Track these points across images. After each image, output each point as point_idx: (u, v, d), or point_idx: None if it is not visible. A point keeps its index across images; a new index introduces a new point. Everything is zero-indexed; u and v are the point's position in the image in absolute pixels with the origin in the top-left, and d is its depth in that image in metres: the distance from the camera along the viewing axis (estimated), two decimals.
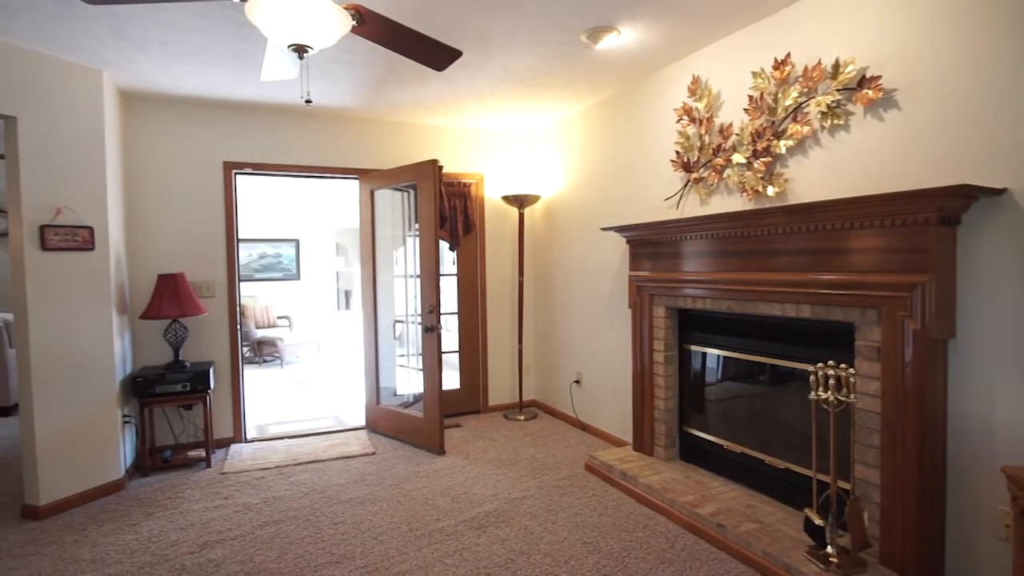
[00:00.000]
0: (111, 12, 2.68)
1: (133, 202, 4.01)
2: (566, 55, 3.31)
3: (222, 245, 4.27)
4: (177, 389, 3.71)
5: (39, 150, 3.12)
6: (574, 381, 4.65)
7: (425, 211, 4.04)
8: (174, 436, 4.13)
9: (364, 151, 4.64)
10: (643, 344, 3.62)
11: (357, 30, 2.13)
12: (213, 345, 4.26)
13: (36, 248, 3.11)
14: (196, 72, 3.47)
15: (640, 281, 3.59)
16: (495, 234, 5.12)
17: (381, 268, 4.61)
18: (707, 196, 3.25)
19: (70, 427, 3.25)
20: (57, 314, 3.19)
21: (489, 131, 5.04)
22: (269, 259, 8.92)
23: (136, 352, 4.02)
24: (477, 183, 5.02)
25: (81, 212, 3.30)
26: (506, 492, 3.37)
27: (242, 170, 4.32)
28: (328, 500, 3.29)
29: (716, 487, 3.11)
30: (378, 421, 4.57)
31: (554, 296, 4.97)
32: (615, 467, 3.45)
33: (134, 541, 2.84)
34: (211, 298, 4.23)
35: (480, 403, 5.12)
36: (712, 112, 3.18)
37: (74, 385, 3.27)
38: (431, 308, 4.00)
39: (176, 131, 4.12)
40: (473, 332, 5.08)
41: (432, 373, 4.03)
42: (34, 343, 3.09)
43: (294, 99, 4.06)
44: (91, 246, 3.33)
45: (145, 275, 4.04)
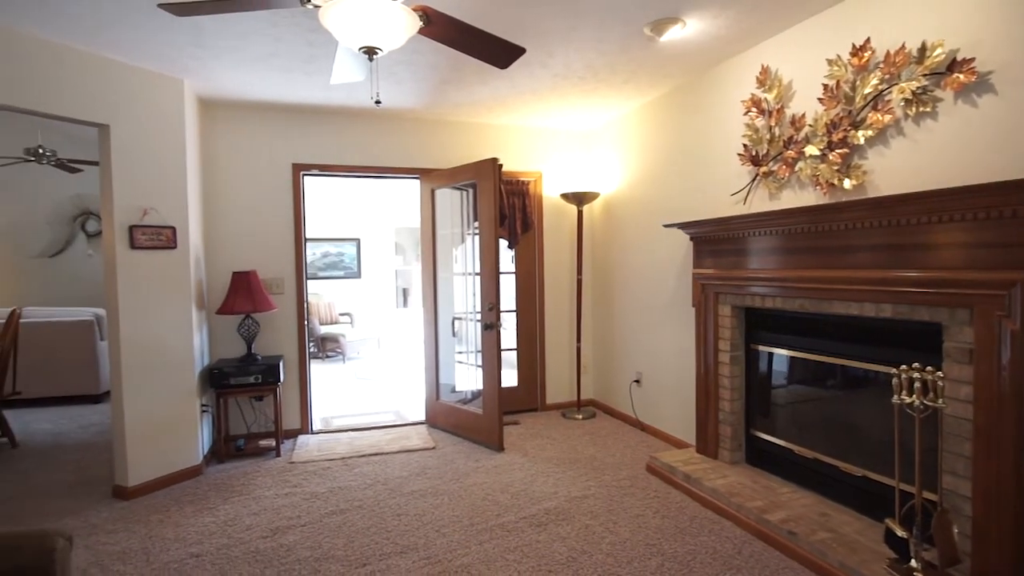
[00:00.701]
0: (192, 23, 2.83)
1: (210, 203, 4.23)
2: (628, 49, 3.26)
3: (290, 244, 4.45)
4: (250, 381, 3.89)
5: (128, 156, 3.34)
6: (634, 381, 4.57)
7: (485, 209, 4.07)
8: (246, 426, 4.34)
9: (425, 151, 4.73)
10: (707, 344, 3.52)
11: (424, 31, 2.17)
12: (282, 340, 4.44)
13: (126, 247, 3.33)
14: (268, 77, 3.63)
15: (705, 279, 3.50)
16: (553, 232, 5.10)
17: (441, 266, 4.68)
18: (777, 190, 3.12)
19: (155, 415, 3.46)
20: (144, 309, 3.41)
21: (547, 129, 5.03)
22: (332, 258, 9.22)
23: (212, 345, 4.25)
24: (535, 181, 5.01)
25: (165, 213, 3.51)
26: (566, 490, 3.35)
27: (309, 171, 4.49)
28: (391, 492, 3.36)
29: (786, 493, 2.99)
30: (438, 417, 4.64)
31: (613, 294, 4.91)
32: (678, 469, 3.37)
33: (212, 523, 3.00)
34: (280, 295, 4.41)
35: (538, 401, 5.11)
36: (782, 103, 3.05)
37: (158, 376, 3.48)
38: (491, 306, 4.03)
39: (248, 135, 4.32)
40: (531, 330, 5.08)
41: (492, 370, 4.06)
42: (124, 336, 3.31)
43: (359, 102, 4.18)
44: (173, 245, 3.54)
45: (220, 273, 4.25)
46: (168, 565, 2.61)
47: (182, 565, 2.61)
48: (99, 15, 2.72)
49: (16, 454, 4.17)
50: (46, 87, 2.99)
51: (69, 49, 3.07)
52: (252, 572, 2.54)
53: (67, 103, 3.08)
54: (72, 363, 5.59)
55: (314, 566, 2.57)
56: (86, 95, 3.16)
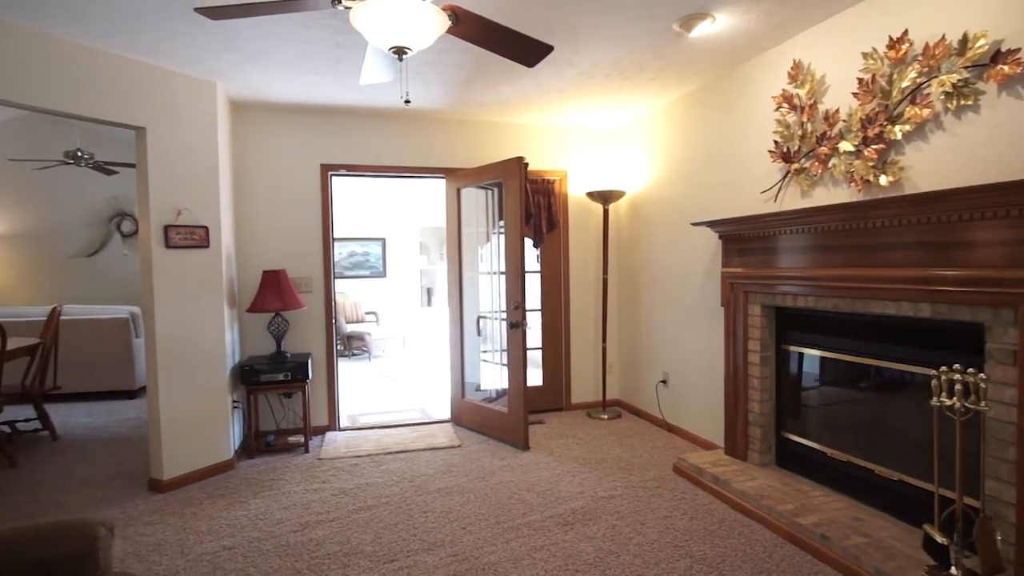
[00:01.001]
0: (226, 26, 2.89)
1: (240, 203, 4.32)
2: (656, 46, 3.23)
3: (319, 243, 4.51)
4: (280, 378, 3.96)
5: (163, 157, 3.43)
6: (660, 381, 4.53)
7: (511, 208, 4.07)
8: (276, 422, 4.41)
9: (450, 151, 4.75)
10: (737, 344, 3.47)
11: (453, 30, 2.17)
12: (310, 338, 4.51)
13: (161, 246, 3.41)
14: (298, 79, 3.68)
15: (734, 278, 3.45)
16: (579, 231, 5.08)
17: (466, 265, 4.70)
18: (809, 187, 3.06)
19: (189, 410, 3.54)
20: (178, 307, 3.49)
21: (573, 127, 5.01)
22: (358, 257, 9.33)
23: (243, 343, 4.33)
24: (561, 180, 5.00)
25: (198, 213, 3.59)
26: (592, 490, 3.33)
27: (337, 171, 4.54)
28: (418, 489, 3.39)
29: (818, 496, 2.93)
30: (463, 415, 4.66)
31: (639, 294, 4.87)
32: (706, 470, 3.33)
33: (244, 517, 3.06)
34: (308, 293, 4.48)
35: (563, 401, 5.10)
36: (815, 98, 2.99)
37: (192, 372, 3.56)
38: (516, 304, 4.03)
39: (278, 136, 4.39)
40: (556, 329, 5.07)
41: (517, 369, 4.06)
42: (159, 333, 3.40)
43: (386, 102, 4.22)
44: (206, 244, 3.62)
45: (251, 271, 4.33)
46: (202, 557, 2.67)
47: (215, 557, 2.66)
48: (137, 21, 2.80)
49: (57, 447, 4.30)
50: (86, 91, 3.08)
51: (107, 54, 3.16)
52: (283, 565, 2.58)
53: (106, 107, 3.17)
54: (108, 359, 5.76)
55: (343, 561, 2.61)
56: (124, 98, 3.25)
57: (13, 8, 2.64)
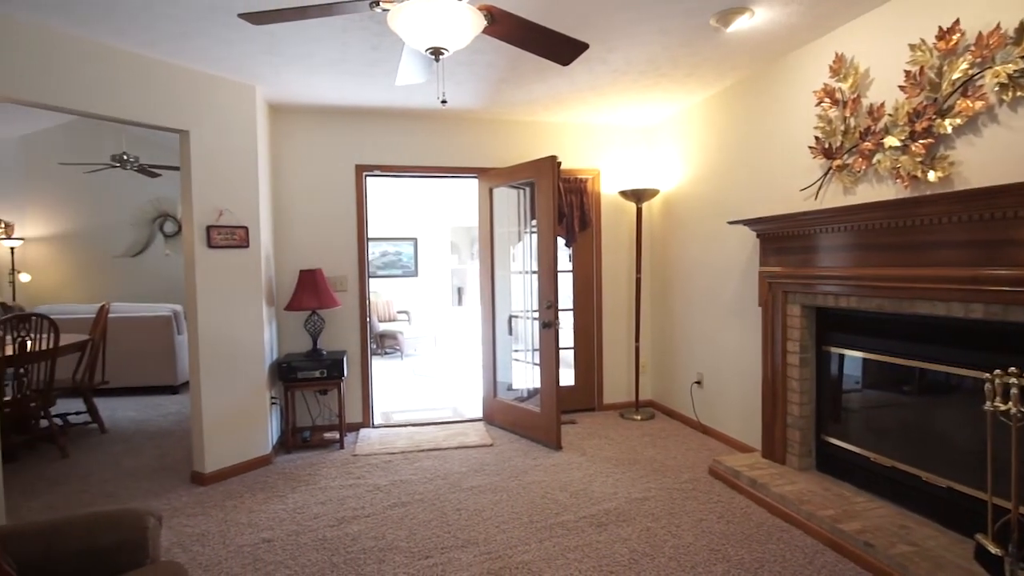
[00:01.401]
0: (266, 31, 2.95)
1: (278, 204, 4.41)
2: (692, 41, 3.18)
3: (353, 243, 4.58)
4: (316, 375, 4.04)
5: (205, 159, 3.52)
6: (695, 382, 4.46)
7: (543, 207, 4.06)
8: (311, 418, 4.50)
9: (482, 150, 4.76)
10: (775, 345, 3.39)
11: (489, 30, 2.18)
12: (345, 336, 4.58)
13: (203, 246, 3.51)
14: (335, 82, 3.74)
15: (772, 277, 3.37)
16: (611, 230, 5.04)
17: (498, 264, 4.71)
18: (852, 184, 2.97)
19: (229, 406, 3.64)
20: (219, 305, 3.58)
21: (605, 125, 4.97)
22: (390, 257, 9.44)
23: (280, 340, 4.42)
24: (593, 178, 4.97)
25: (238, 213, 3.68)
26: (625, 491, 3.30)
27: (372, 172, 4.60)
28: (451, 487, 3.41)
29: (860, 502, 2.84)
30: (495, 414, 4.67)
31: (673, 293, 4.81)
32: (743, 473, 3.26)
33: (282, 511, 3.13)
34: (343, 292, 4.55)
35: (595, 401, 5.07)
36: (859, 92, 2.90)
37: (232, 368, 3.66)
38: (549, 304, 4.03)
39: (314, 138, 4.48)
40: (588, 329, 5.04)
41: (550, 368, 4.05)
42: (202, 331, 3.50)
43: (419, 103, 4.25)
44: (246, 244, 3.71)
45: (288, 270, 4.43)
46: (242, 548, 2.74)
47: (255, 549, 2.73)
48: (182, 27, 2.88)
49: (105, 439, 4.47)
50: (133, 96, 3.19)
51: (153, 60, 3.26)
52: (320, 559, 2.63)
53: (152, 111, 3.27)
54: (152, 356, 5.96)
55: (379, 556, 2.64)
56: (168, 103, 3.35)
57: (62, 15, 2.75)
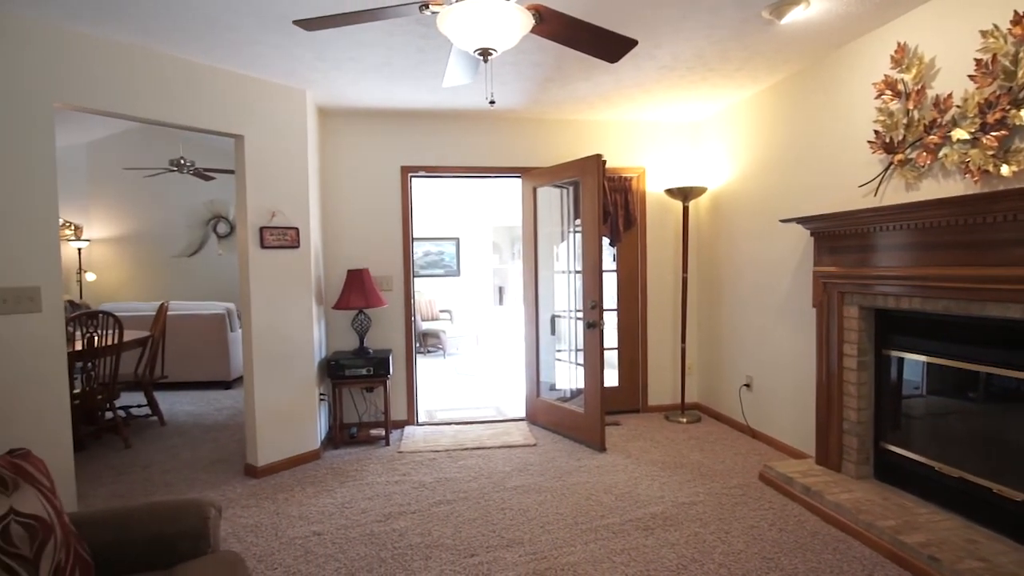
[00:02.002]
0: (316, 37, 3.03)
1: (326, 205, 4.52)
2: (742, 35, 3.09)
3: (399, 243, 4.65)
4: (363, 373, 4.11)
5: (258, 163, 3.64)
6: (743, 385, 4.35)
7: (588, 207, 4.03)
8: (358, 415, 4.59)
9: (526, 149, 4.76)
10: (830, 347, 3.27)
11: (537, 29, 2.17)
12: (390, 335, 4.66)
13: (257, 247, 3.62)
14: (381, 84, 3.80)
15: (828, 277, 3.25)
16: (656, 229, 4.96)
17: (542, 264, 4.70)
18: (915, 180, 2.83)
19: (281, 402, 3.75)
20: (271, 303, 3.69)
21: (650, 122, 4.90)
22: (432, 256, 9.56)
23: (328, 338, 4.53)
24: (638, 177, 4.90)
25: (289, 215, 3.79)
26: (672, 495, 3.24)
27: (417, 173, 4.66)
28: (495, 486, 3.42)
29: (923, 514, 2.71)
30: (538, 414, 4.67)
31: (720, 294, 4.69)
32: (796, 480, 3.16)
33: (331, 505, 3.20)
34: (389, 292, 4.62)
35: (639, 402, 5.00)
36: (923, 83, 2.76)
37: (284, 365, 3.76)
38: (593, 303, 3.99)
39: (361, 140, 4.56)
40: (633, 329, 4.98)
41: (594, 369, 4.02)
42: (255, 328, 3.61)
43: (464, 103, 4.28)
44: (297, 244, 3.81)
45: (336, 270, 4.53)
46: (294, 541, 2.81)
47: (306, 542, 2.80)
48: (237, 35, 2.98)
49: (164, 431, 4.68)
50: (191, 103, 3.32)
51: (209, 68, 3.39)
52: (368, 553, 2.67)
53: (209, 117, 3.40)
54: (206, 352, 6.19)
55: (425, 552, 2.67)
56: (225, 108, 3.47)
57: (128, 28, 2.88)
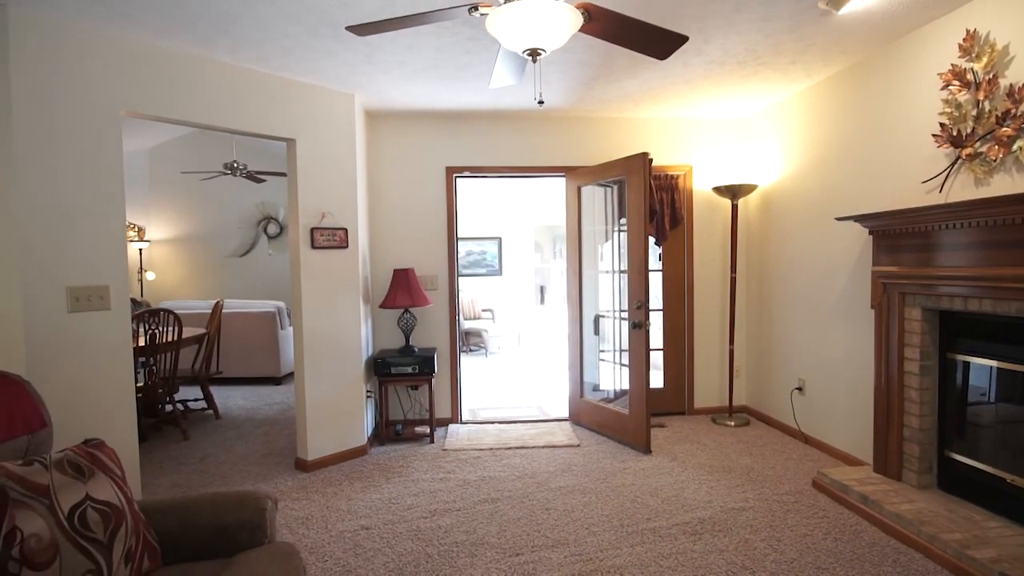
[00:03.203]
0: (367, 42, 3.09)
1: (374, 206, 4.61)
2: (797, 27, 2.99)
3: (443, 243, 4.70)
4: (408, 371, 4.18)
5: (309, 165, 3.74)
6: (795, 388, 4.21)
7: (634, 205, 3.98)
8: (403, 412, 4.66)
9: (570, 148, 4.74)
10: (890, 351, 3.13)
11: (585, 28, 2.15)
12: (435, 334, 4.71)
13: (308, 247, 3.73)
14: (427, 87, 3.85)
15: (888, 278, 3.11)
16: (703, 227, 4.86)
17: (586, 264, 4.67)
18: (985, 175, 2.68)
19: (329, 398, 3.84)
20: (321, 302, 3.79)
21: (698, 119, 4.79)
22: (475, 256, 9.62)
23: (374, 337, 4.62)
24: (684, 175, 4.81)
25: (338, 216, 3.88)
26: (721, 500, 3.17)
27: (461, 173, 4.70)
28: (539, 486, 3.42)
29: (994, 528, 2.57)
30: (581, 414, 4.64)
31: (770, 294, 4.56)
32: (852, 488, 3.04)
33: (378, 500, 3.26)
34: (434, 291, 4.68)
35: (685, 404, 4.91)
36: (995, 71, 2.61)
37: (333, 362, 3.86)
38: (639, 304, 3.94)
39: (407, 142, 4.63)
40: (679, 330, 4.89)
41: (639, 370, 3.97)
42: (306, 326, 3.72)
43: (508, 104, 4.29)
44: (345, 245, 3.90)
45: (382, 270, 4.61)
46: (343, 534, 2.88)
47: (355, 535, 2.86)
48: (290, 42, 3.07)
49: (219, 425, 4.86)
50: (245, 108, 3.44)
51: (263, 74, 3.50)
52: (415, 549, 2.71)
53: (262, 121, 3.51)
54: (258, 349, 6.41)
55: (471, 550, 2.69)
56: (277, 113, 3.58)
57: (186, 37, 3.00)
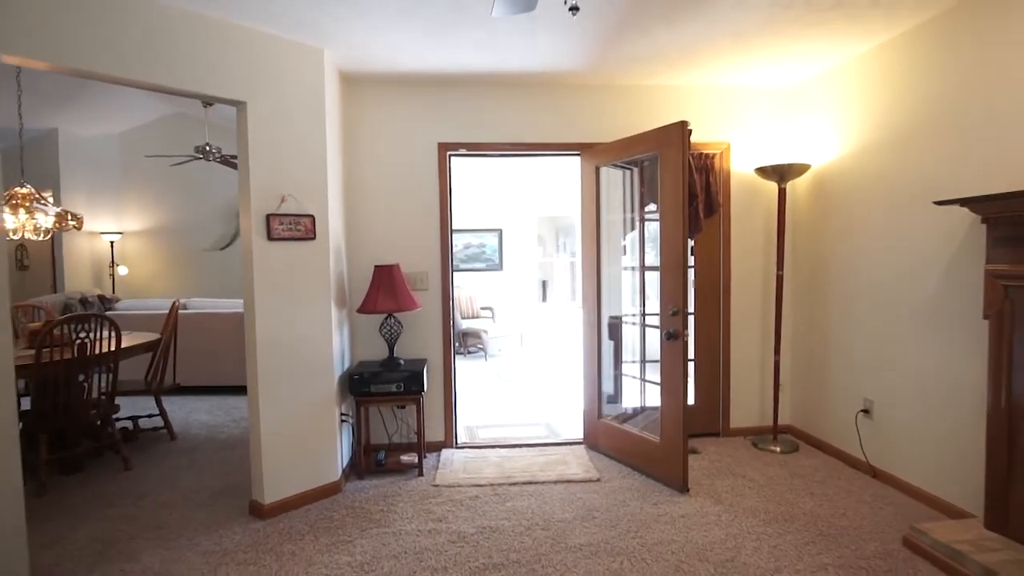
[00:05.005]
0: None
1: (351, 190, 3.86)
2: None
3: (436, 234, 3.95)
4: (392, 389, 3.44)
5: (265, 136, 2.98)
6: (861, 410, 3.47)
7: (669, 187, 3.23)
8: (387, 435, 3.92)
9: (586, 123, 3.98)
10: (1013, 370, 2.40)
11: None
12: (426, 341, 3.97)
13: (263, 238, 2.98)
14: (411, 37, 3.09)
15: (1011, 278, 2.37)
16: (742, 216, 4.11)
17: (606, 260, 3.92)
18: None
19: (293, 425, 3.11)
20: (281, 306, 3.05)
21: (738, 88, 4.03)
22: (474, 249, 8.87)
23: (353, 346, 3.88)
24: (721, 154, 4.06)
25: (303, 200, 3.13)
26: (791, 565, 2.44)
27: (456, 151, 3.95)
28: (554, 543, 2.68)
29: None
30: (599, 437, 3.91)
31: (826, 296, 3.82)
32: (967, 556, 2.31)
33: (347, 565, 2.53)
34: (424, 291, 3.94)
35: (719, 424, 4.18)
36: None
37: (297, 381, 3.12)
38: (675, 310, 3.19)
39: (391, 113, 3.88)
40: (712, 337, 4.15)
41: (675, 390, 3.23)
42: (261, 336, 2.98)
43: (513, 66, 3.54)
44: (312, 235, 3.15)
45: (362, 266, 3.87)
46: None
47: None
48: None
49: (173, 448, 4.14)
50: (185, 62, 2.68)
51: (206, 19, 2.74)
52: None
53: (204, 78, 2.76)
54: (229, 355, 5.65)
55: None
56: (223, 69, 2.83)
57: None
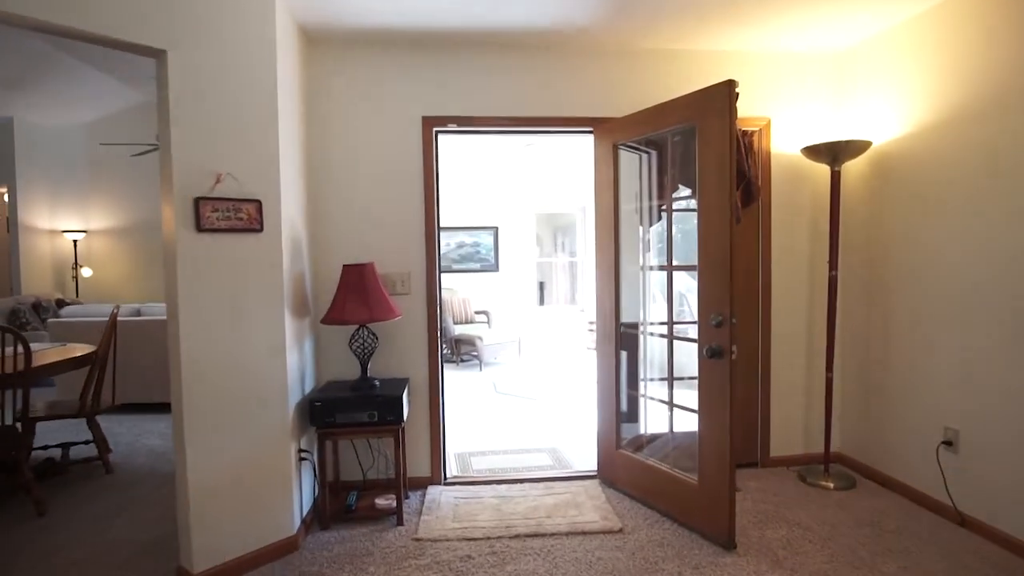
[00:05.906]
0: None
1: (314, 172, 3.18)
2: None
3: (419, 227, 3.29)
4: (363, 419, 2.77)
5: (193, 97, 2.30)
6: (942, 442, 2.83)
7: (710, 164, 2.57)
8: (362, 470, 3.25)
9: (600, 94, 3.32)
10: None
11: None
12: (408, 356, 3.30)
13: (190, 228, 2.29)
14: None
15: None
16: (785, 205, 3.46)
17: (625, 258, 3.26)
18: None
19: (232, 469, 2.42)
20: (215, 318, 2.36)
21: (780, 54, 3.38)
22: (467, 248, 8.20)
23: (318, 363, 3.21)
24: (761, 131, 3.41)
25: (247, 181, 2.45)
26: None
27: (444, 127, 3.28)
28: None
29: None
30: (616, 471, 3.24)
31: (891, 302, 3.17)
32: None
33: None
34: (406, 295, 3.27)
35: (757, 452, 3.52)
36: None
37: (237, 413, 2.43)
38: (719, 319, 2.53)
39: (366, 81, 3.21)
40: (749, 349, 3.49)
41: (720, 422, 2.56)
42: (185, 356, 2.29)
43: (512, 21, 2.88)
44: (258, 226, 2.47)
45: (330, 264, 3.19)
46: None
47: None
48: None
49: (107, 483, 3.45)
50: None
51: None
52: None
53: (102, 15, 2.08)
54: None
55: None
56: (138, 10, 2.15)
57: None
